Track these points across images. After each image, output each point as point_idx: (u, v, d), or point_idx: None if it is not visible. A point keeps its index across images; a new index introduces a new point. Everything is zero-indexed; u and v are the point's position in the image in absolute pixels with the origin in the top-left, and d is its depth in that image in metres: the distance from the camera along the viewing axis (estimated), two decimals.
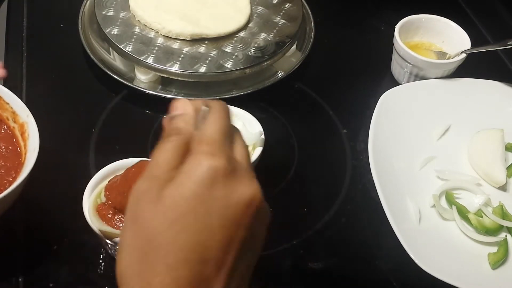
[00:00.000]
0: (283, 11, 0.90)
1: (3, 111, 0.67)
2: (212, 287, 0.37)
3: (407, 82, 0.86)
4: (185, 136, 0.40)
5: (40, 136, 0.63)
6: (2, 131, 0.67)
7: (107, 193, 0.58)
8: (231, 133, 0.42)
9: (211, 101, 0.43)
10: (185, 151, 0.39)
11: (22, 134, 0.66)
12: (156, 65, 0.79)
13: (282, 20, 0.88)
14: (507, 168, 0.76)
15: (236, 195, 0.38)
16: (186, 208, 0.37)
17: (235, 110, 0.68)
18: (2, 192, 0.58)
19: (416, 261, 0.62)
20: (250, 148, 0.66)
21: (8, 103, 0.67)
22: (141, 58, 0.79)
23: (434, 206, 0.71)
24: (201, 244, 0.37)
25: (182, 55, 0.80)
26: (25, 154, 0.64)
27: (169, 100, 0.83)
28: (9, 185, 0.61)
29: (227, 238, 0.37)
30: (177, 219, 0.37)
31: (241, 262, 0.38)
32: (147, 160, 0.61)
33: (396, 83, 0.87)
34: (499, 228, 0.69)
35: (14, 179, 0.62)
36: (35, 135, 0.63)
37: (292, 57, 0.88)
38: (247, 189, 0.38)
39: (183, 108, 0.42)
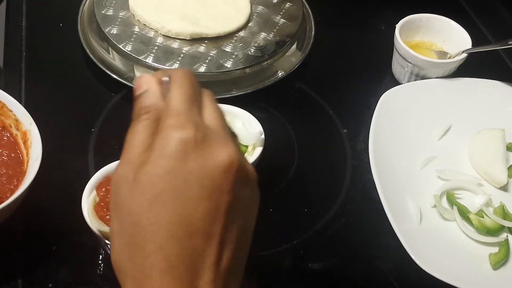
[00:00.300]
0: (283, 10, 0.90)
1: (6, 118, 0.67)
2: (205, 259, 0.36)
3: (408, 81, 0.86)
4: (153, 113, 0.40)
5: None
6: (5, 138, 0.67)
7: (98, 191, 0.58)
8: (198, 98, 0.41)
9: (173, 70, 0.43)
10: (156, 128, 0.39)
11: (25, 142, 0.65)
12: (156, 65, 0.79)
13: (282, 20, 0.88)
14: (508, 168, 0.76)
15: (211, 162, 0.37)
16: (162, 185, 0.36)
17: (235, 110, 0.68)
18: (3, 200, 0.58)
19: (417, 262, 0.62)
20: (250, 148, 0.66)
21: (11, 110, 0.66)
22: (140, 58, 0.79)
23: (435, 206, 0.71)
24: (185, 217, 0.36)
25: (181, 55, 0.80)
26: (27, 162, 0.64)
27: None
28: (11, 194, 0.60)
29: (210, 207, 0.37)
30: (156, 197, 0.36)
31: (231, 229, 0.38)
32: None
33: (396, 82, 0.87)
34: (500, 229, 0.69)
35: (16, 187, 0.62)
36: (38, 144, 0.63)
37: (292, 56, 0.88)
38: (222, 153, 0.37)
39: (146, 84, 0.41)
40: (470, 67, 0.85)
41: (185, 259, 0.36)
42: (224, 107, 0.68)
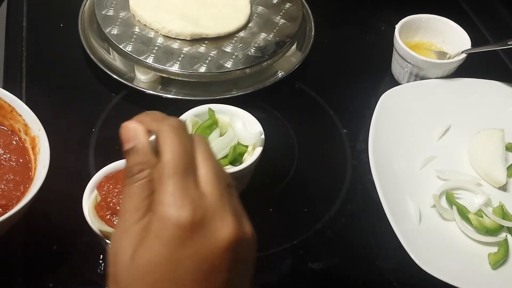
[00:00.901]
0: (283, 11, 0.90)
1: (15, 122, 0.66)
2: None
3: (407, 82, 0.86)
4: (147, 172, 0.38)
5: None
6: (14, 142, 0.66)
7: (100, 191, 0.58)
8: (191, 161, 0.38)
9: (159, 124, 0.40)
10: (152, 189, 0.38)
11: (33, 148, 0.64)
12: (156, 65, 0.79)
13: (282, 20, 0.88)
14: (507, 168, 0.76)
15: (209, 245, 0.36)
16: (160, 273, 0.36)
17: (235, 110, 0.68)
18: (10, 208, 0.58)
19: (416, 261, 0.62)
20: (250, 148, 0.66)
21: (20, 115, 0.65)
22: (141, 58, 0.79)
23: (434, 206, 0.71)
24: None
25: (182, 55, 0.80)
26: (35, 169, 0.63)
27: (169, 100, 0.83)
28: (17, 201, 0.60)
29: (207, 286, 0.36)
30: (154, 284, 0.36)
31: None
32: None
33: (396, 83, 0.87)
34: (500, 228, 0.69)
35: (23, 194, 0.61)
36: (46, 151, 0.62)
37: (292, 57, 0.88)
38: (221, 233, 0.36)
39: (134, 138, 0.39)
40: (470, 67, 0.85)
41: None
42: (224, 107, 0.68)
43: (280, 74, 0.85)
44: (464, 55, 0.83)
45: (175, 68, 0.79)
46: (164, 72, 0.79)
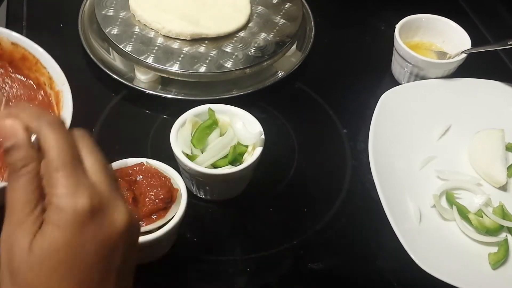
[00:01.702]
0: (283, 11, 0.90)
1: (40, 75, 0.64)
2: None
3: (408, 82, 0.86)
4: (32, 166, 0.38)
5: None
6: (40, 97, 0.64)
7: None
8: (77, 153, 0.39)
9: (38, 122, 0.39)
10: (39, 181, 0.38)
11: (57, 103, 0.62)
12: (156, 65, 0.79)
13: (282, 20, 0.88)
14: (507, 168, 0.76)
15: (107, 229, 0.38)
16: (60, 258, 0.37)
17: (235, 110, 0.68)
18: None
19: (416, 261, 0.62)
20: (250, 148, 0.66)
21: (45, 67, 0.63)
22: (141, 58, 0.79)
23: (434, 206, 0.71)
24: (82, 283, 0.37)
25: (182, 55, 0.80)
26: None
27: (169, 100, 0.83)
28: None
29: (105, 270, 0.38)
30: (54, 270, 0.37)
31: (120, 281, 0.40)
32: (144, 163, 0.61)
33: (396, 83, 0.87)
34: (500, 228, 0.69)
35: None
36: (69, 106, 0.60)
37: (292, 57, 0.88)
38: (117, 218, 0.38)
39: (13, 135, 0.39)
40: (470, 67, 0.85)
41: None
42: (224, 107, 0.68)
43: (280, 74, 0.85)
44: (464, 55, 0.83)
45: (175, 68, 0.79)
46: (164, 72, 0.79)
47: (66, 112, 0.60)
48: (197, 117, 0.68)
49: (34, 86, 0.64)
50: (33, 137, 0.39)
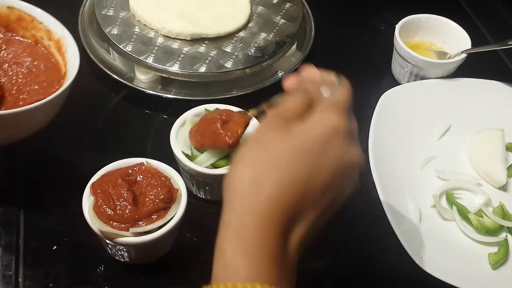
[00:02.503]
0: (283, 11, 0.90)
1: (37, 31, 0.70)
2: (303, 216, 0.42)
3: (408, 82, 0.86)
4: (312, 96, 0.46)
5: (40, 138, 0.63)
6: (39, 51, 0.71)
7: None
8: (350, 110, 0.48)
9: (342, 77, 0.50)
10: (308, 107, 0.45)
11: (59, 49, 0.69)
12: (156, 65, 0.79)
13: (282, 20, 0.88)
14: (507, 168, 0.76)
15: (347, 154, 0.44)
16: (311, 147, 0.43)
17: (235, 110, 0.68)
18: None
19: (416, 261, 0.62)
20: None
21: (41, 22, 0.69)
22: (141, 58, 0.79)
23: (434, 206, 0.71)
24: (310, 178, 0.42)
25: (182, 55, 0.80)
26: (65, 65, 0.67)
27: (169, 100, 0.83)
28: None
29: (329, 182, 0.43)
30: (300, 152, 0.42)
31: (331, 206, 0.44)
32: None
33: (396, 83, 0.87)
34: (500, 228, 0.69)
35: (58, 89, 0.64)
36: (74, 46, 0.67)
37: (292, 57, 0.88)
38: (356, 153, 0.44)
39: (312, 74, 0.49)
40: (470, 67, 0.85)
41: (293, 206, 0.41)
42: (224, 107, 0.68)
43: (280, 74, 0.85)
44: (464, 55, 0.83)
45: (175, 68, 0.79)
46: (164, 72, 0.79)
47: (72, 50, 0.67)
48: (197, 117, 0.68)
49: (32, 43, 0.71)
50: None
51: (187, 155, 0.65)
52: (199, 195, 0.70)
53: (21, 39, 0.72)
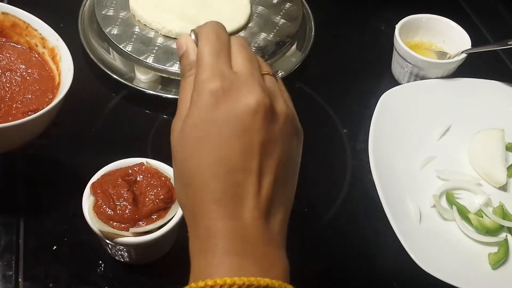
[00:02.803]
0: (283, 11, 0.90)
1: (31, 38, 0.70)
2: (246, 190, 0.41)
3: (408, 82, 0.86)
4: (194, 69, 0.45)
5: (39, 137, 0.63)
6: (33, 58, 0.70)
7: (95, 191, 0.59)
8: (224, 48, 0.45)
9: (200, 26, 0.47)
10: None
11: (53, 57, 0.68)
12: (156, 65, 0.79)
13: (282, 20, 0.88)
14: (507, 168, 0.76)
15: (239, 107, 0.41)
16: (199, 133, 0.42)
17: None
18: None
19: (416, 261, 0.62)
20: None
21: (36, 29, 0.69)
22: (141, 58, 0.79)
23: (434, 206, 0.71)
24: (223, 157, 0.41)
25: None
26: (59, 75, 0.67)
27: (169, 100, 0.83)
28: (48, 105, 0.62)
29: (243, 146, 0.41)
30: (196, 144, 0.42)
31: (268, 163, 0.42)
32: (144, 163, 0.61)
33: (396, 83, 0.87)
34: (500, 228, 0.69)
35: (51, 100, 0.64)
36: (68, 56, 0.67)
37: (292, 57, 0.88)
38: (248, 98, 0.42)
39: (185, 44, 0.47)
40: (470, 67, 0.85)
41: (228, 191, 0.41)
42: None
43: (280, 74, 0.85)
44: (464, 55, 0.83)
45: (175, 68, 0.79)
46: (164, 72, 0.79)
47: (66, 61, 0.67)
48: None
49: (27, 49, 0.71)
50: (193, 36, 0.47)
51: None
52: None
53: (15, 45, 0.72)
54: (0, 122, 0.63)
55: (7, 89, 0.68)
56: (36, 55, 0.70)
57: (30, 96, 0.67)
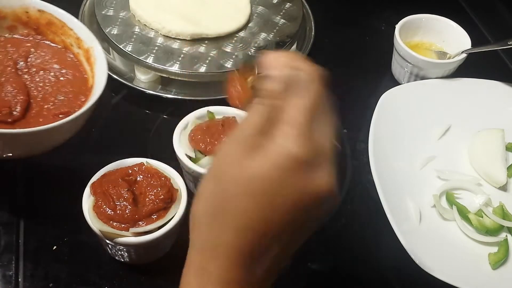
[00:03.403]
0: (283, 11, 0.90)
1: (66, 37, 0.69)
2: (265, 254, 0.40)
3: (408, 82, 0.86)
4: (277, 101, 0.41)
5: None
6: (68, 59, 0.70)
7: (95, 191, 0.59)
8: (320, 109, 0.42)
9: (308, 65, 0.43)
10: (275, 116, 0.40)
11: (88, 59, 0.68)
12: (156, 65, 0.79)
13: (282, 20, 0.88)
14: (507, 168, 0.76)
15: (309, 187, 0.39)
16: (262, 187, 0.39)
17: (235, 111, 0.68)
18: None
19: (416, 261, 0.62)
20: None
21: (72, 29, 0.68)
22: (141, 58, 0.79)
23: (434, 206, 0.71)
24: (267, 220, 0.39)
25: (182, 55, 0.80)
26: (93, 77, 0.67)
27: (169, 100, 0.83)
28: (79, 108, 0.62)
29: (289, 220, 0.40)
30: (252, 194, 0.39)
31: (293, 239, 0.42)
32: (144, 163, 0.61)
33: (396, 83, 0.87)
34: (500, 228, 0.69)
35: (84, 103, 0.63)
36: (103, 59, 0.66)
37: None
38: (321, 182, 0.39)
39: (279, 67, 0.42)
40: (470, 67, 0.85)
41: (253, 250, 0.40)
42: (224, 108, 0.68)
43: None
44: (464, 55, 0.83)
45: (175, 68, 0.79)
46: (164, 72, 0.79)
47: (100, 64, 0.66)
48: (199, 119, 0.68)
49: (62, 49, 0.70)
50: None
51: (190, 158, 0.64)
52: None
53: (51, 43, 0.71)
54: (31, 122, 0.63)
55: (40, 88, 0.67)
56: (71, 56, 0.70)
57: (62, 97, 0.66)
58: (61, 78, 0.68)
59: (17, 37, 0.71)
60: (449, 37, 0.88)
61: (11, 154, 0.61)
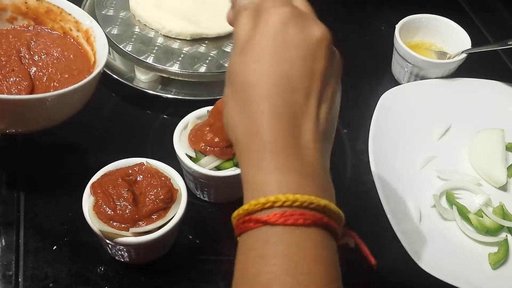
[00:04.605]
0: None
1: (65, 22, 0.72)
2: (306, 111, 0.41)
3: (408, 82, 0.86)
4: (252, 8, 0.45)
5: (40, 138, 0.63)
6: (69, 43, 0.73)
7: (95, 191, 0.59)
8: None
9: None
10: (258, 17, 0.44)
11: (88, 39, 0.70)
12: (156, 65, 0.79)
13: None
14: (507, 168, 0.76)
15: (308, 32, 0.42)
16: (265, 48, 0.42)
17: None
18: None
19: (416, 261, 0.62)
20: None
21: (70, 14, 0.71)
22: (141, 58, 0.79)
23: (434, 206, 0.71)
24: (286, 74, 0.41)
25: (182, 55, 0.80)
26: (94, 55, 0.70)
27: (169, 100, 0.83)
28: None
29: (308, 68, 0.42)
30: (259, 57, 0.42)
31: (326, 91, 0.43)
32: (144, 163, 0.61)
33: (396, 83, 0.87)
34: (500, 228, 0.69)
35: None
36: (102, 35, 0.69)
37: None
38: (316, 28, 0.43)
39: None
40: (470, 67, 0.85)
41: (289, 108, 0.41)
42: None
43: None
44: (464, 55, 0.83)
45: (175, 68, 0.79)
46: (164, 72, 0.79)
47: (100, 39, 0.69)
48: (200, 119, 0.68)
49: (61, 35, 0.73)
50: None
51: (190, 158, 0.64)
52: (203, 197, 0.70)
53: (50, 31, 0.73)
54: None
55: (44, 71, 0.70)
56: (71, 40, 0.72)
57: (67, 75, 0.69)
58: (64, 59, 0.71)
59: (18, 28, 0.73)
60: (449, 37, 0.88)
61: (19, 129, 0.64)
